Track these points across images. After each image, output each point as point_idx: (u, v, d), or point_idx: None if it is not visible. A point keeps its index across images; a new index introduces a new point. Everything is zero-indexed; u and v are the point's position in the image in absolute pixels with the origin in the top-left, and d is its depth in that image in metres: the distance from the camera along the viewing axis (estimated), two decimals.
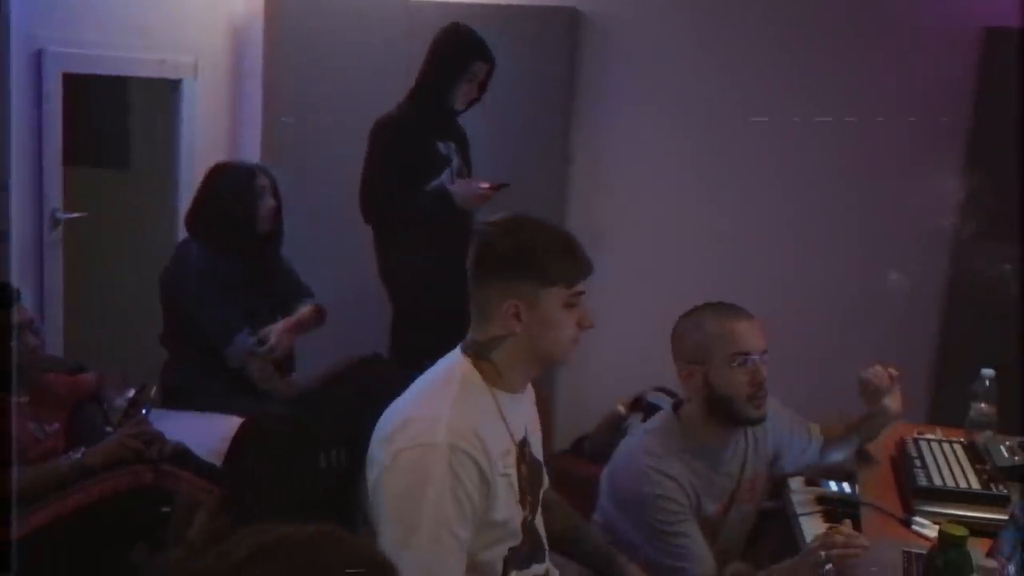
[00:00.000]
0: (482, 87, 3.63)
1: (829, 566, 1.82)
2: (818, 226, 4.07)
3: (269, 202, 3.29)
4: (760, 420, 2.24)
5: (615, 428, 3.52)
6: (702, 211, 4.22)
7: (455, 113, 3.65)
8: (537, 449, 2.00)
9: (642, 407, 3.46)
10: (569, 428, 4.07)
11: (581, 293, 1.85)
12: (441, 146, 3.59)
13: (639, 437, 2.30)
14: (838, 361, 3.45)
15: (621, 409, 3.49)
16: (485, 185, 3.53)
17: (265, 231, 3.31)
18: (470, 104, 3.66)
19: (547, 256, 1.81)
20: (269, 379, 3.22)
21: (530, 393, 2.04)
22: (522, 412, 1.94)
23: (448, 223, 3.44)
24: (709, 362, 2.16)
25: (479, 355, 1.86)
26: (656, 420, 2.33)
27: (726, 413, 2.19)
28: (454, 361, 1.88)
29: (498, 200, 3.92)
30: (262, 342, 3.21)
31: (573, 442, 4.01)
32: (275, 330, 3.25)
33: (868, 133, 3.94)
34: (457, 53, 3.55)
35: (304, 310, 3.38)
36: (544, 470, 2.03)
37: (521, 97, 4.22)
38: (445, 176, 3.54)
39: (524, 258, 1.81)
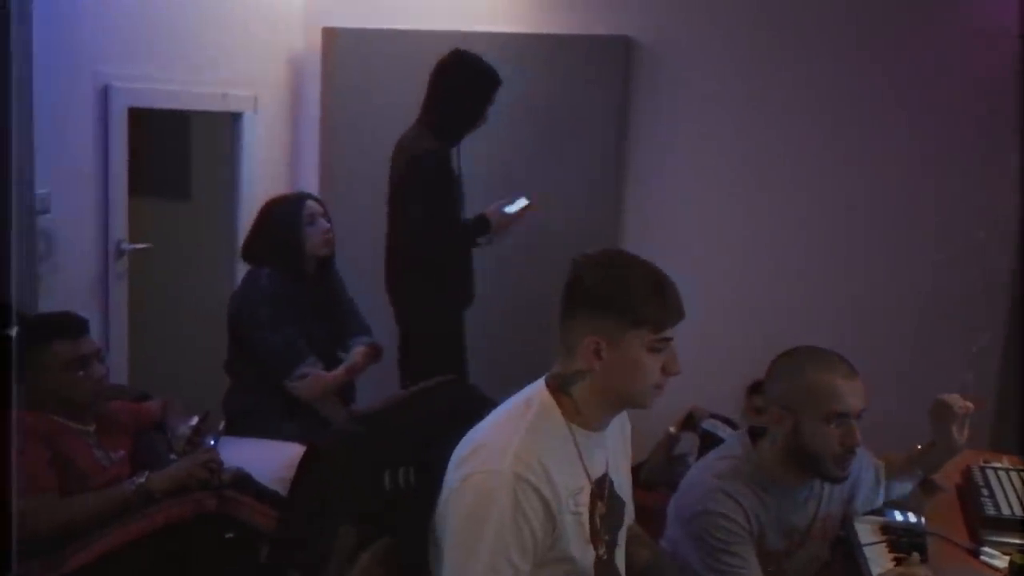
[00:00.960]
0: None
1: None
2: (878, 250, 4.04)
3: (322, 225, 3.35)
4: (842, 480, 2.19)
5: (669, 451, 3.49)
6: (756, 235, 4.21)
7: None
8: (621, 487, 1.96)
9: (695, 430, 3.43)
10: None
11: (668, 339, 1.80)
12: (456, 172, 3.72)
13: (711, 459, 2.26)
14: (900, 388, 3.44)
15: (672, 430, 3.47)
16: (513, 210, 3.66)
17: (321, 255, 3.37)
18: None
19: (637, 296, 1.77)
20: (331, 407, 3.26)
21: (622, 427, 2.01)
22: (603, 449, 1.90)
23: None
24: (802, 412, 2.09)
25: (560, 388, 1.84)
26: (731, 448, 2.27)
27: (808, 465, 2.13)
28: (534, 391, 1.86)
29: (555, 225, 3.97)
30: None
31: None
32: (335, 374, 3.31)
33: (926, 143, 3.90)
34: (483, 87, 3.65)
35: (359, 351, 3.41)
36: (627, 508, 1.99)
37: (575, 125, 4.25)
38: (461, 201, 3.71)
39: (612, 296, 1.77)
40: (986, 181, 3.84)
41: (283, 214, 3.35)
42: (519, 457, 1.72)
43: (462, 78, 3.66)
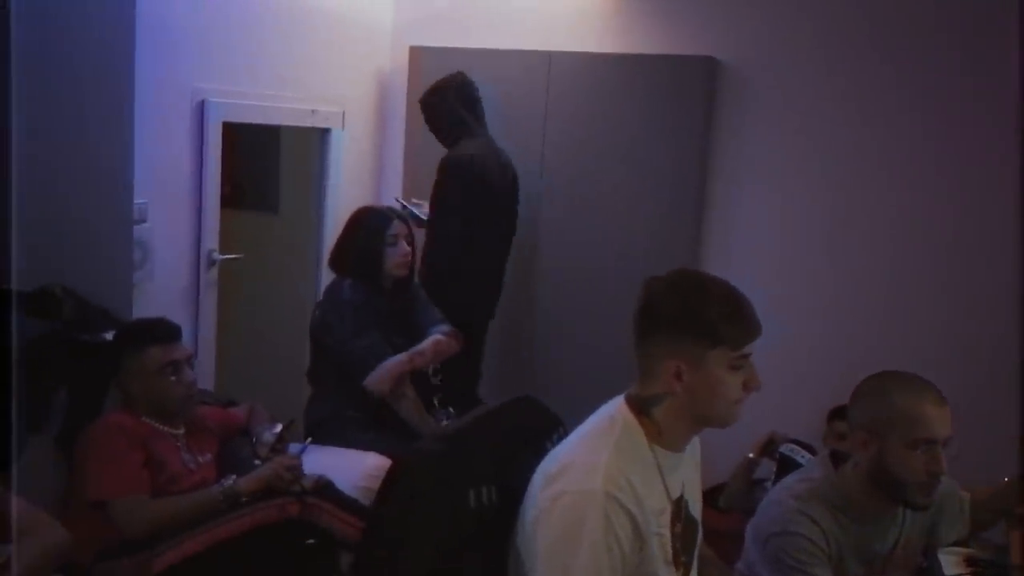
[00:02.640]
0: None
1: None
2: (967, 278, 3.96)
3: (403, 248, 3.39)
4: (926, 508, 2.16)
5: (749, 475, 3.46)
6: (838, 260, 4.16)
7: None
8: (694, 508, 1.97)
9: (773, 455, 3.40)
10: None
11: (747, 355, 1.80)
12: None
13: (791, 481, 2.25)
14: (989, 419, 3.36)
15: (751, 455, 3.43)
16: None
17: (397, 276, 3.41)
18: None
19: (714, 316, 1.76)
20: (416, 415, 3.29)
21: (695, 450, 2.01)
22: (681, 471, 1.90)
23: None
24: (888, 438, 2.06)
25: (641, 410, 1.84)
26: (812, 470, 2.25)
27: (892, 491, 2.10)
28: (616, 410, 1.86)
29: (635, 248, 3.95)
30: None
31: (702, 493, 3.96)
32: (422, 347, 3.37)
33: (1002, 169, 3.82)
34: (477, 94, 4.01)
35: (430, 340, 3.42)
36: (699, 528, 1.99)
37: (659, 145, 4.26)
38: None
39: (690, 318, 1.77)
40: None
41: (368, 229, 3.41)
42: (609, 476, 1.73)
43: (464, 91, 4.05)
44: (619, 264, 4.22)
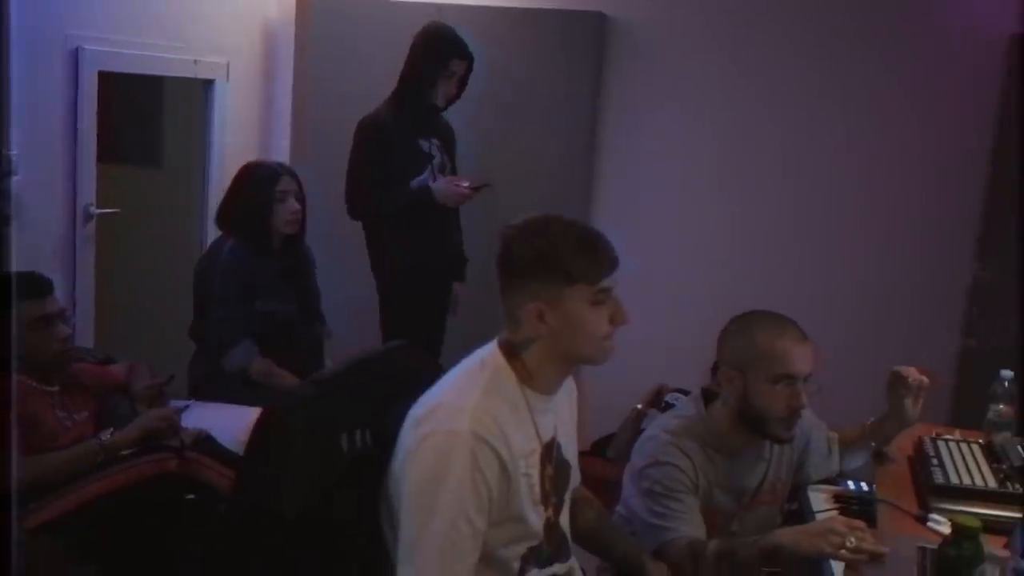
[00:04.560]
0: (462, 84, 3.71)
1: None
2: (841, 227, 4.10)
3: (292, 205, 3.32)
4: (788, 442, 2.23)
5: (638, 426, 3.53)
6: (726, 210, 4.25)
7: (437, 110, 3.73)
8: (567, 450, 1.99)
9: (660, 406, 3.47)
10: (588, 430, 4.09)
11: (608, 289, 1.82)
12: (423, 143, 3.68)
13: (665, 417, 2.31)
14: (858, 361, 3.49)
15: (639, 406, 3.50)
16: (466, 184, 3.61)
17: (286, 234, 3.36)
18: (451, 101, 3.74)
19: (564, 255, 1.78)
20: (271, 376, 3.24)
21: (570, 392, 2.04)
22: (553, 413, 1.93)
23: (431, 217, 3.63)
24: (751, 374, 2.13)
25: (511, 353, 1.86)
26: (684, 408, 2.32)
27: (755, 426, 2.17)
28: (488, 354, 1.88)
29: (525, 200, 3.95)
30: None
31: (592, 443, 4.03)
32: None
33: (893, 134, 3.96)
34: (435, 52, 3.63)
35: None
36: (573, 471, 2.02)
37: (548, 99, 4.27)
38: (426, 173, 3.64)
39: (542, 259, 1.79)
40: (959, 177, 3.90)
41: (255, 184, 3.33)
42: (476, 417, 1.74)
43: (418, 40, 3.67)
44: (511, 216, 4.22)
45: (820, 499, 2.47)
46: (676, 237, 4.30)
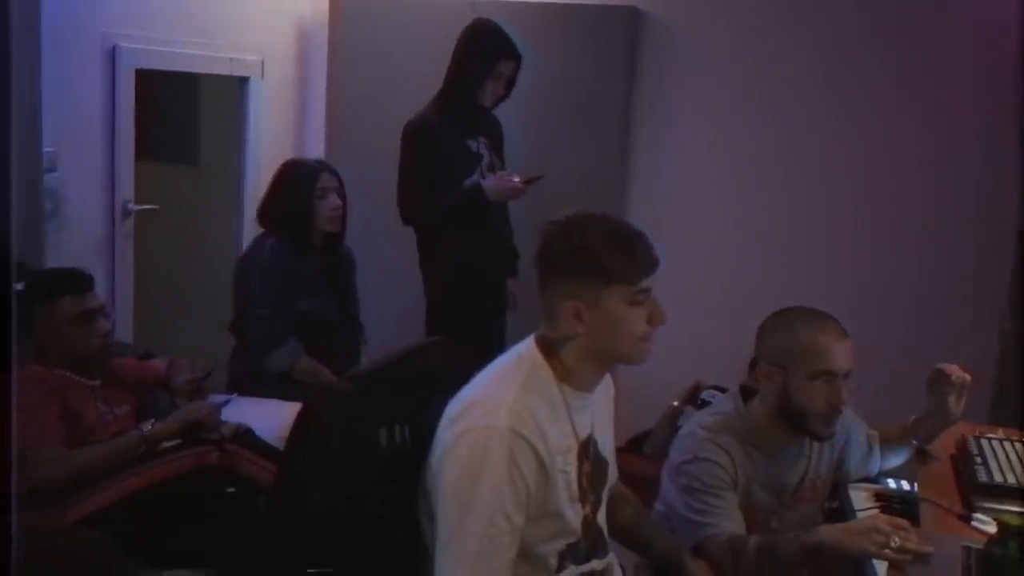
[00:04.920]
0: (510, 84, 3.64)
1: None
2: (882, 223, 4.05)
3: (333, 202, 3.33)
4: (827, 439, 2.22)
5: (674, 423, 3.52)
6: (761, 206, 4.22)
7: (484, 109, 3.66)
8: (605, 447, 1.98)
9: (696, 403, 3.45)
10: (624, 426, 4.08)
11: (646, 290, 1.80)
12: (471, 143, 3.63)
13: (702, 414, 2.30)
14: (899, 360, 3.46)
15: (676, 403, 3.48)
16: (517, 179, 3.56)
17: (327, 231, 3.36)
18: (498, 101, 3.67)
19: (604, 255, 1.76)
20: (315, 375, 3.24)
21: (607, 389, 2.02)
22: (591, 411, 1.92)
23: (482, 216, 3.56)
24: (791, 370, 2.11)
25: (548, 350, 1.85)
26: (722, 405, 2.31)
27: (795, 422, 2.16)
28: (525, 350, 1.87)
29: (559, 196, 3.93)
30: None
31: (628, 440, 4.02)
32: None
33: (930, 128, 3.91)
34: (481, 52, 3.56)
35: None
36: (610, 468, 2.02)
37: (582, 95, 4.25)
38: (476, 174, 3.59)
39: (580, 259, 1.78)
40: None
41: (295, 182, 3.34)
42: (514, 412, 1.74)
43: (462, 39, 3.60)
44: (544, 213, 4.21)
45: (861, 497, 2.45)
46: (711, 234, 4.27)
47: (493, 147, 3.72)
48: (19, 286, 2.70)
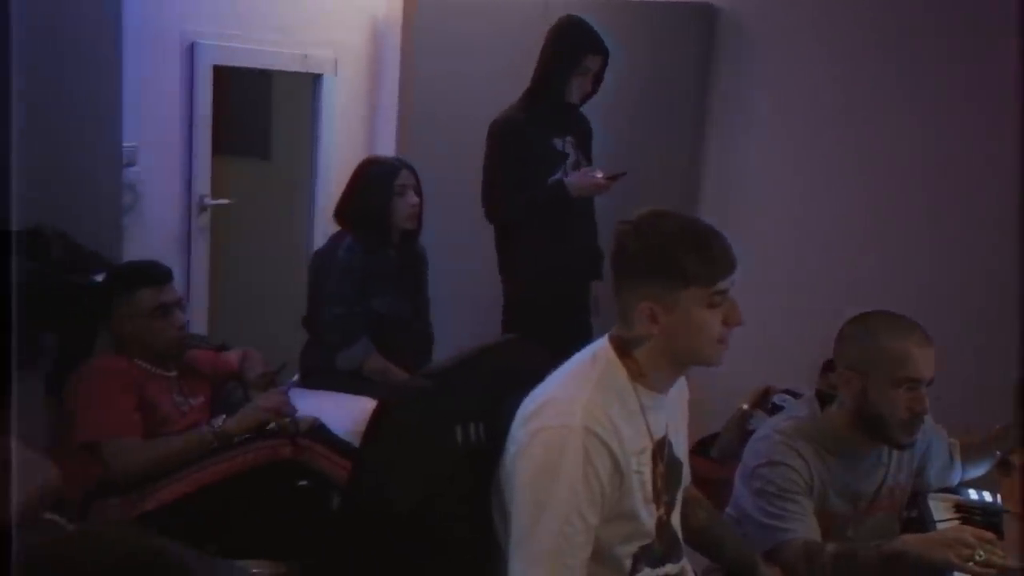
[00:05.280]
0: (597, 80, 3.61)
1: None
2: (958, 226, 3.94)
3: (411, 199, 3.32)
4: (908, 447, 2.18)
5: (743, 426, 3.47)
6: (836, 209, 4.13)
7: (571, 107, 3.63)
8: (679, 449, 1.96)
9: (766, 407, 3.41)
10: (692, 428, 4.04)
11: (724, 291, 1.76)
12: (557, 142, 3.61)
13: (777, 419, 2.27)
14: (979, 368, 3.37)
15: (745, 406, 3.44)
16: (600, 175, 3.53)
17: (405, 228, 3.36)
18: (586, 98, 3.64)
19: (681, 256, 1.73)
20: (386, 374, 3.25)
21: (682, 390, 2.00)
22: (665, 411, 1.90)
23: (565, 214, 3.52)
24: (873, 376, 2.07)
25: (623, 350, 1.83)
26: (796, 409, 2.27)
27: (874, 429, 2.12)
28: (599, 349, 1.85)
29: (632, 195, 3.91)
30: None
31: (696, 442, 3.98)
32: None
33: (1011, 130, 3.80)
34: (569, 47, 3.53)
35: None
36: (684, 469, 2.00)
37: (655, 92, 4.21)
38: (559, 172, 3.56)
39: (657, 259, 1.74)
40: None
41: (374, 179, 3.33)
42: (588, 411, 1.72)
43: (550, 36, 3.58)
44: (616, 212, 4.19)
45: (940, 508, 2.39)
46: (784, 235, 4.20)
47: (580, 145, 3.69)
48: (98, 277, 2.77)
